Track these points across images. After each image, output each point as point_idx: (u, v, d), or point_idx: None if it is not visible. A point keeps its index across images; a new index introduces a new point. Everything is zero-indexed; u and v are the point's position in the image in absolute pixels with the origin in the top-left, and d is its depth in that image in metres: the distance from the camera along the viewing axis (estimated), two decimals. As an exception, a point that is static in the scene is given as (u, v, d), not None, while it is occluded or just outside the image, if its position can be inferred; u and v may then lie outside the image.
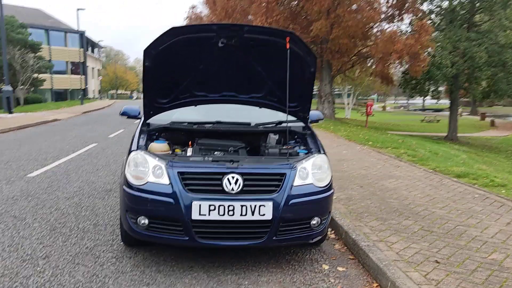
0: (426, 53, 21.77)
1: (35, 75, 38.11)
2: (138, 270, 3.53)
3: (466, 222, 4.74)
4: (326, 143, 11.42)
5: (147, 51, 3.71)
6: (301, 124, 4.52)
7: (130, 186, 3.51)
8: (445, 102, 42.83)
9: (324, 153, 3.99)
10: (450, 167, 7.86)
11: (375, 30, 23.35)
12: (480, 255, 3.82)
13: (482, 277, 3.39)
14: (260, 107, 4.48)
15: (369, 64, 23.84)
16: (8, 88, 22.26)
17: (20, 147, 10.49)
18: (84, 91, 55.59)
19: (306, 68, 4.00)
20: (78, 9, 41.39)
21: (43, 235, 4.27)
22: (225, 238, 3.45)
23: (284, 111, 4.42)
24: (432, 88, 26.95)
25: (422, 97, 29.80)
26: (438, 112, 61.08)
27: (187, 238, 3.38)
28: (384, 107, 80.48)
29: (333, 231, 4.71)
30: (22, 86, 36.28)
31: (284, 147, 4.10)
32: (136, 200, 3.46)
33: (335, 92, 54.62)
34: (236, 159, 3.63)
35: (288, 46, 3.75)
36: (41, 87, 44.26)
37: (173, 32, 3.62)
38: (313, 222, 3.65)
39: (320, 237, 3.80)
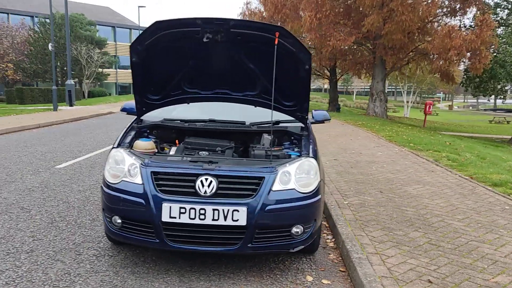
0: (492, 49, 20.38)
1: (100, 69, 40.06)
2: (112, 271, 3.49)
3: (482, 237, 4.29)
4: (363, 144, 11.14)
5: (133, 47, 3.67)
6: (300, 124, 4.29)
7: (106, 184, 3.48)
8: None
9: (314, 156, 3.74)
10: (489, 174, 7.22)
11: (435, 24, 22.21)
12: (483, 277, 3.42)
13: (473, 303, 3.03)
14: (256, 106, 4.30)
15: (426, 62, 22.61)
16: (70, 82, 23.47)
17: (64, 139, 10.98)
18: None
19: (300, 65, 3.78)
20: (139, 7, 42.62)
21: (39, 228, 4.37)
22: (196, 242, 3.32)
23: (281, 111, 4.23)
24: (498, 87, 25.20)
25: (488, 96, 27.91)
26: (510, 112, 57.28)
27: (158, 240, 3.29)
28: (450, 106, 76.88)
29: (333, 239, 4.45)
30: (87, 80, 38.25)
31: (270, 149, 3.89)
32: (110, 199, 3.43)
33: (396, 90, 52.71)
34: (215, 160, 3.49)
35: (276, 41, 3.54)
36: (106, 81, 46.53)
37: (156, 26, 3.55)
38: (295, 230, 3.43)
39: (302, 246, 3.56)
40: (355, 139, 12.06)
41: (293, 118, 4.27)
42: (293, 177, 3.45)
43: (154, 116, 4.33)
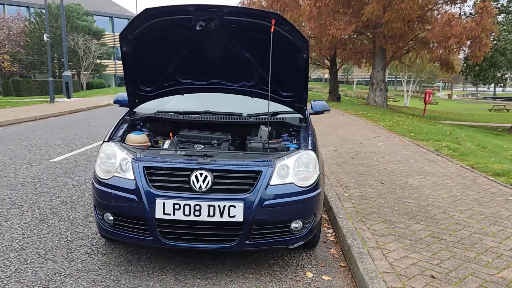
0: (492, 37, 20.15)
1: (98, 61, 39.71)
2: (105, 270, 3.37)
3: (486, 230, 4.18)
4: (363, 134, 11.00)
5: (122, 36, 3.52)
6: (299, 115, 4.16)
7: (97, 179, 3.35)
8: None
9: (313, 149, 3.61)
10: (491, 164, 7.10)
11: (435, 12, 21.97)
12: (488, 271, 3.31)
13: (478, 300, 2.92)
14: (253, 97, 4.16)
15: (426, 51, 22.36)
16: (67, 74, 23.23)
17: (60, 132, 10.84)
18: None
19: (297, 53, 3.63)
20: (136, -3, 42.21)
21: (30, 225, 4.25)
22: (192, 240, 3.20)
23: (279, 101, 4.09)
24: (498, 75, 24.99)
25: (487, 85, 27.71)
26: (510, 101, 57.07)
27: (152, 238, 3.17)
28: (450, 95, 76.70)
29: (334, 233, 4.34)
30: (85, 72, 37.96)
31: (267, 142, 3.76)
32: (102, 195, 3.30)
33: (396, 79, 52.51)
34: (211, 154, 3.36)
35: (272, 29, 3.39)
36: (105, 73, 46.20)
37: (146, 14, 3.39)
38: (294, 225, 3.31)
39: (302, 242, 3.45)
40: (356, 129, 11.92)
41: (291, 109, 4.13)
42: (292, 171, 3.32)
43: (147, 108, 4.19)
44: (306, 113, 4.20)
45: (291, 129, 4.13)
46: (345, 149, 8.46)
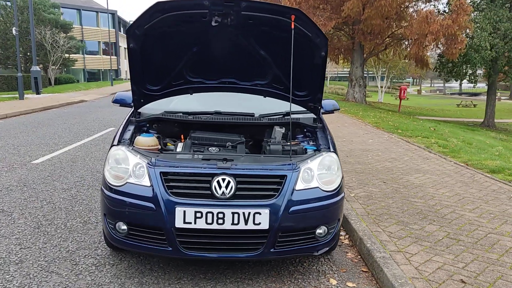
0: (464, 34, 20.52)
1: (66, 55, 38.45)
2: (117, 283, 3.11)
3: (500, 229, 4.14)
4: (352, 131, 10.95)
5: (130, 31, 3.26)
6: (312, 115, 3.99)
7: (108, 186, 3.09)
8: (482, 85, 40.92)
9: (334, 151, 3.46)
10: (484, 161, 7.15)
11: (411, 10, 22.23)
12: (516, 274, 3.24)
13: (517, 306, 2.84)
14: (265, 96, 3.96)
15: (403, 47, 22.61)
16: (36, 68, 22.37)
17: (36, 130, 10.35)
18: (117, 72, 56.11)
19: (316, 51, 3.46)
20: (107, -13, 41.05)
21: (25, 234, 3.93)
22: (214, 249, 2.99)
23: (293, 101, 3.90)
24: (470, 72, 25.52)
25: (459, 81, 28.31)
26: (475, 96, 58.80)
27: (171, 248, 2.94)
28: (419, 91, 78.30)
29: (347, 236, 4.20)
30: (53, 66, 36.70)
31: (287, 144, 3.58)
32: (114, 203, 3.04)
33: (369, 75, 53.19)
34: (230, 158, 3.15)
35: (293, 25, 3.21)
36: (74, 67, 44.84)
37: (158, 8, 3.14)
38: (319, 231, 3.15)
39: (327, 249, 3.29)
40: (343, 126, 11.87)
41: (304, 109, 3.95)
42: (316, 174, 3.16)
43: (152, 108, 3.92)
44: (320, 112, 4.03)
45: (305, 130, 3.96)
46: (338, 147, 8.33)
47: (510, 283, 3.10)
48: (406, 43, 21.35)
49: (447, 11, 21.77)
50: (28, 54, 33.22)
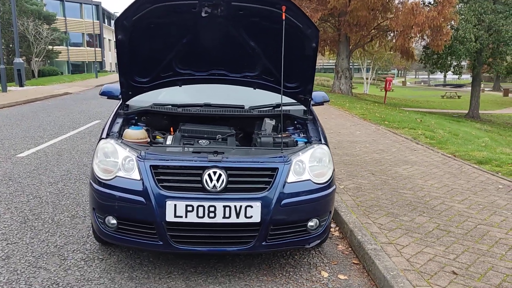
0: (449, 26, 20.67)
1: (50, 47, 37.80)
2: (107, 277, 3.06)
3: (489, 220, 4.18)
4: (339, 123, 10.98)
5: (118, 22, 3.17)
6: (302, 107, 3.96)
7: (97, 180, 3.03)
8: (466, 77, 41.33)
9: (326, 143, 3.44)
10: (471, 152, 7.22)
11: (396, 1, 22.29)
12: (505, 265, 3.27)
13: (508, 296, 2.86)
14: (255, 88, 3.92)
15: (389, 38, 22.70)
16: (19, 60, 21.93)
17: (20, 123, 10.16)
18: (101, 63, 55.38)
19: (306, 42, 3.41)
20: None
21: (11, 229, 3.85)
22: (205, 243, 2.97)
23: (283, 93, 3.86)
24: (454, 63, 25.77)
25: (444, 72, 28.59)
26: (459, 87, 59.42)
27: (161, 243, 2.91)
28: (404, 82, 78.88)
29: (337, 228, 4.20)
30: (36, 58, 36.07)
31: (278, 136, 3.55)
32: (103, 197, 2.99)
33: (354, 67, 53.40)
34: (221, 151, 3.11)
35: (284, 16, 3.16)
36: (58, 59, 44.13)
37: None
38: (311, 224, 3.14)
39: (319, 241, 3.29)
40: (330, 118, 11.89)
41: (294, 101, 3.92)
42: (307, 167, 3.14)
43: (140, 100, 3.85)
44: (310, 104, 4.00)
45: (295, 122, 3.93)
46: (325, 139, 8.36)
47: (501, 274, 3.13)
48: (392, 34, 21.45)
49: (432, 2, 21.92)
50: (11, 45, 32.55)
